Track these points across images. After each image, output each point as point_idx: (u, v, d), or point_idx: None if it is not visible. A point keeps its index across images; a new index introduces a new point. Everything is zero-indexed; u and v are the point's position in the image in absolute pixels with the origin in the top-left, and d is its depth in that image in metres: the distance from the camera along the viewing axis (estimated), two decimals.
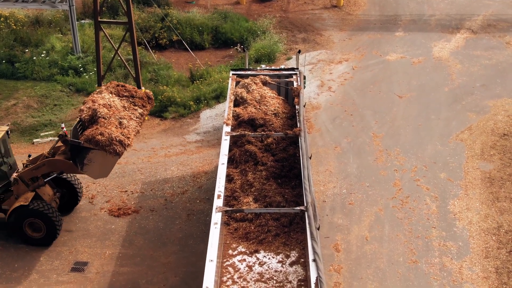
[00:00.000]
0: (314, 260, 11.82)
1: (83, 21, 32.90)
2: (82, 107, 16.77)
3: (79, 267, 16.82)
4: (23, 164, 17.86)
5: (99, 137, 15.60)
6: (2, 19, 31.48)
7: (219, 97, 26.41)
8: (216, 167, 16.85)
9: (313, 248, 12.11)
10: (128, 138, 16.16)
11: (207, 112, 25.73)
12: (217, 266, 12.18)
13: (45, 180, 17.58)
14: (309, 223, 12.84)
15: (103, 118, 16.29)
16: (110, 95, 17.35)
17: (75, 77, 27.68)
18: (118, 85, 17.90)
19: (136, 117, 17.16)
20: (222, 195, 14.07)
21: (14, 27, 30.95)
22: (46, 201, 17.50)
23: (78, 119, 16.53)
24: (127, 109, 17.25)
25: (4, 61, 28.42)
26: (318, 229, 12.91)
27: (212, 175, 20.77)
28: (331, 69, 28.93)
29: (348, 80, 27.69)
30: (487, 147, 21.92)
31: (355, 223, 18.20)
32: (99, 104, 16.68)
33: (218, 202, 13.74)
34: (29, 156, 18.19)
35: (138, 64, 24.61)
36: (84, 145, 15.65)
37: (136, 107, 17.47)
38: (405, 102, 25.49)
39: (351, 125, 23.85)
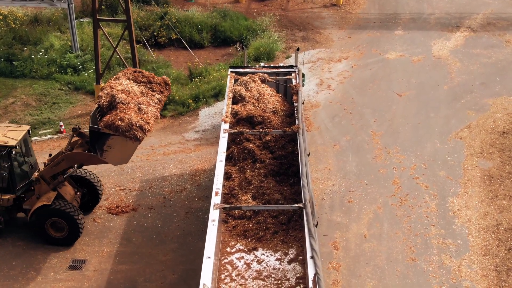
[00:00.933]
0: (312, 257, 11.76)
1: (82, 20, 32.86)
2: (100, 93, 16.40)
3: (77, 265, 16.76)
4: (44, 163, 17.63)
5: (119, 122, 15.21)
6: (1, 17, 31.43)
7: (218, 95, 26.36)
8: (215, 165, 16.78)
9: (311, 245, 12.06)
10: (148, 123, 15.77)
11: (206, 110, 25.68)
12: (215, 263, 12.13)
13: (64, 176, 17.36)
14: (307, 220, 12.79)
15: (122, 103, 15.89)
16: (128, 81, 16.98)
17: (74, 75, 27.64)
18: (135, 71, 17.55)
19: (155, 103, 16.76)
20: (220, 192, 14.02)
21: (13, 25, 30.90)
22: (68, 201, 17.32)
23: (96, 105, 16.17)
24: (145, 95, 16.85)
25: (2, 60, 28.38)
26: (316, 226, 12.85)
27: (210, 173, 20.72)
28: (331, 67, 28.88)
29: (347, 79, 27.64)
30: (486, 145, 21.88)
31: (354, 221, 18.14)
32: (117, 90, 16.29)
33: (216, 199, 13.69)
34: (50, 155, 17.91)
35: (136, 62, 24.56)
36: (103, 131, 15.25)
37: (154, 93, 17.07)
38: (404, 100, 25.44)
39: (350, 123, 23.80)
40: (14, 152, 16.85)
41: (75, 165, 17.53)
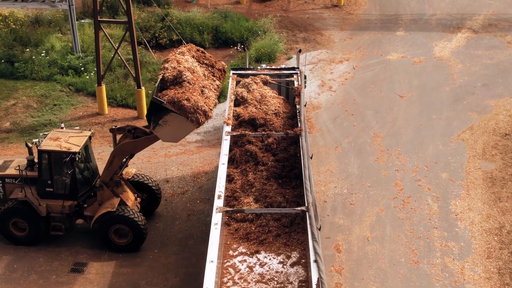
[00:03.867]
0: (316, 261, 11.73)
1: (82, 21, 32.80)
2: (165, 65, 15.68)
3: (78, 267, 16.71)
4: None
5: (185, 102, 14.64)
6: (1, 18, 31.38)
7: (219, 97, 26.21)
8: (217, 167, 16.73)
9: (314, 248, 12.02)
10: (211, 109, 15.24)
11: None
12: (218, 267, 12.09)
13: (118, 175, 17.08)
14: (310, 224, 12.75)
15: (188, 82, 15.25)
16: (193, 59, 16.35)
17: (75, 77, 27.55)
18: (198, 50, 16.88)
19: (214, 89, 16.19)
20: (223, 195, 13.97)
21: (14, 26, 30.85)
22: (130, 207, 17.04)
23: (160, 77, 15.48)
24: (207, 78, 16.27)
25: (3, 61, 28.32)
26: (319, 229, 12.81)
27: (212, 175, 20.67)
28: (332, 68, 28.83)
29: (349, 80, 27.59)
30: (488, 147, 21.83)
31: (356, 224, 18.10)
32: (184, 67, 15.67)
33: (218, 203, 13.64)
34: None
35: (138, 63, 24.50)
36: (166, 106, 14.74)
37: (215, 78, 16.51)
38: (406, 102, 25.38)
39: (352, 125, 23.75)
40: (77, 159, 16.58)
41: (127, 158, 17.22)
